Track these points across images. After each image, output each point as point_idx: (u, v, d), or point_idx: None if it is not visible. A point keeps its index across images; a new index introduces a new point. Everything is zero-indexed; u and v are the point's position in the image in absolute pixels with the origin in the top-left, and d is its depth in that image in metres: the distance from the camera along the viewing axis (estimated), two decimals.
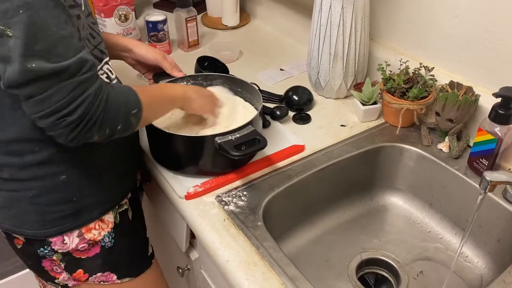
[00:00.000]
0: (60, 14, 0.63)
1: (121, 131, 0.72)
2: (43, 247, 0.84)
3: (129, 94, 0.73)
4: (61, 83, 0.63)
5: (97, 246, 0.87)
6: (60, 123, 0.65)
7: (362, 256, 0.95)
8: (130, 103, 0.72)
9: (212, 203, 0.87)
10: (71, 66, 0.63)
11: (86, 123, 0.66)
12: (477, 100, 0.94)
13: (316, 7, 1.07)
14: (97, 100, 0.66)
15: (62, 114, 0.64)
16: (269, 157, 0.96)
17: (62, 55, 0.62)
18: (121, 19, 1.35)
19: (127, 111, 0.71)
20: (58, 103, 0.63)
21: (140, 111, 0.73)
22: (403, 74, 1.02)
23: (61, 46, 0.62)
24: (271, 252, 0.77)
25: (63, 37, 0.62)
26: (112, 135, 0.71)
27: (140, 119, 0.74)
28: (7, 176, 0.78)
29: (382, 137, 1.03)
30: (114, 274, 0.93)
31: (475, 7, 0.92)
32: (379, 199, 1.07)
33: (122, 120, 0.71)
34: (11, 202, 0.80)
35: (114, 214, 0.89)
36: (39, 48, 0.60)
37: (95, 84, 0.66)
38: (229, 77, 1.03)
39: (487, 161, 0.89)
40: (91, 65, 0.66)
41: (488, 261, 0.92)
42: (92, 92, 0.66)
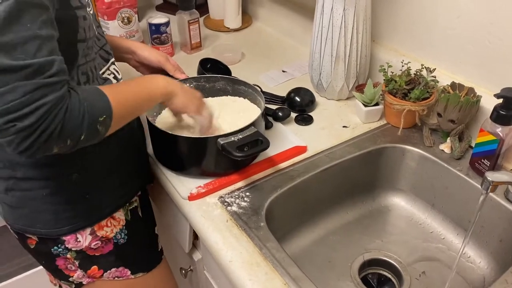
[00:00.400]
0: (41, 13, 0.59)
1: (85, 141, 0.65)
2: (57, 246, 0.85)
3: (98, 99, 0.66)
4: (18, 82, 0.57)
5: (110, 243, 0.88)
6: (8, 128, 0.57)
7: (364, 257, 0.95)
8: (97, 110, 0.65)
9: (215, 204, 0.87)
10: (33, 65, 0.57)
11: (41, 134, 0.59)
12: (478, 101, 0.94)
13: (318, 9, 1.08)
14: (56, 109, 0.59)
15: (12, 117, 0.57)
16: (271, 158, 0.96)
17: (29, 54, 0.57)
18: (124, 21, 1.36)
19: (93, 119, 0.64)
20: (10, 103, 0.56)
21: (110, 117, 0.67)
22: (405, 75, 1.03)
23: (32, 45, 0.58)
24: (274, 253, 0.77)
25: (36, 36, 0.58)
26: (74, 145, 0.65)
27: (109, 126, 0.68)
28: (21, 175, 0.78)
29: (384, 138, 1.03)
30: (128, 269, 0.94)
31: (476, 8, 0.93)
32: (381, 200, 1.08)
33: (86, 129, 0.64)
34: (24, 201, 0.81)
35: (125, 212, 0.90)
36: (6, 40, 0.56)
37: (57, 92, 0.60)
38: (232, 79, 1.04)
39: (489, 162, 0.89)
40: (58, 71, 0.60)
41: (491, 261, 0.93)
42: (52, 99, 0.59)
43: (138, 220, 0.94)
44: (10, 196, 0.81)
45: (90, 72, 0.78)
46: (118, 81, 0.85)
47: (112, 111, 0.67)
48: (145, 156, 0.98)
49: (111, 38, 1.00)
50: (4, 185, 0.80)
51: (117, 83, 0.80)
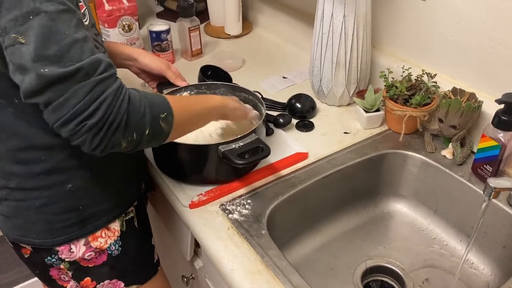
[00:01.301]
0: (71, 18, 0.62)
1: (150, 137, 0.67)
2: (51, 256, 0.84)
3: (157, 97, 0.70)
4: (77, 85, 0.60)
5: (104, 255, 0.88)
6: (80, 128, 0.61)
7: (367, 264, 0.95)
8: (157, 106, 0.68)
9: (216, 211, 0.87)
10: (84, 67, 0.60)
11: (109, 126, 0.62)
12: (480, 106, 0.94)
13: (318, 16, 1.08)
14: (118, 101, 0.62)
15: (81, 118, 0.60)
16: (272, 165, 0.96)
17: (76, 58, 0.60)
18: (125, 29, 1.36)
19: (155, 114, 0.67)
20: (76, 106, 0.60)
21: (171, 115, 0.69)
22: (406, 81, 1.03)
23: (75, 49, 0.60)
24: (275, 261, 0.77)
25: (76, 40, 0.61)
26: (140, 141, 0.67)
27: (171, 124, 0.69)
28: (14, 185, 0.78)
29: (385, 144, 1.03)
30: (121, 281, 0.93)
31: (477, 13, 0.93)
32: (383, 206, 1.07)
33: (150, 123, 0.66)
34: (18, 211, 0.81)
35: (121, 222, 0.89)
36: (52, 52, 0.59)
37: (114, 84, 0.63)
38: (233, 86, 1.04)
39: (491, 167, 0.89)
40: (107, 65, 0.63)
41: (494, 267, 0.92)
42: (111, 92, 0.62)
43: (134, 231, 0.93)
44: (4, 206, 0.81)
45: None
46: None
47: (172, 110, 0.70)
48: (143, 165, 0.98)
49: (111, 45, 1.00)
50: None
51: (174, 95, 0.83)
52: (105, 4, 1.32)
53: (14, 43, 0.58)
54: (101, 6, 1.32)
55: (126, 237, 0.90)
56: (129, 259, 0.92)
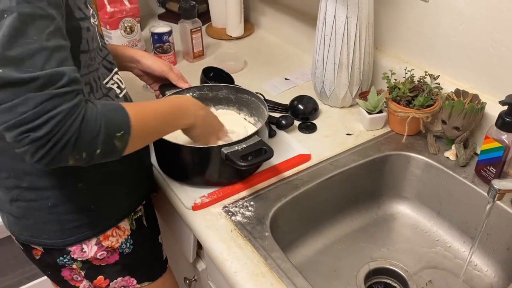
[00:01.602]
0: (47, 25, 0.60)
1: (102, 156, 0.65)
2: (62, 256, 0.84)
3: (117, 114, 0.66)
4: (29, 94, 0.57)
5: (116, 253, 0.88)
6: (23, 138, 0.58)
7: (370, 266, 0.95)
8: (115, 125, 0.65)
9: (219, 213, 0.87)
10: (42, 78, 0.58)
11: (55, 144, 0.59)
12: (483, 108, 0.94)
13: (320, 17, 1.08)
14: (70, 119, 0.59)
15: (26, 128, 0.58)
16: (275, 167, 0.96)
17: (38, 66, 0.58)
18: (127, 31, 1.36)
19: (110, 133, 0.64)
20: (23, 115, 0.57)
21: (128, 134, 0.66)
22: (408, 82, 1.03)
23: (39, 57, 0.58)
24: (279, 263, 0.77)
25: (43, 48, 0.59)
26: (90, 160, 0.64)
27: (127, 143, 0.67)
28: (26, 184, 0.77)
29: (388, 146, 1.03)
30: (134, 278, 0.94)
31: (480, 15, 0.93)
32: (386, 208, 1.07)
33: (103, 143, 0.63)
34: (29, 212, 0.80)
35: (130, 221, 0.89)
36: (13, 54, 0.57)
37: (71, 101, 0.60)
38: (235, 87, 1.04)
39: (495, 169, 0.89)
40: (71, 80, 0.60)
41: (498, 269, 0.92)
42: (65, 108, 0.59)
43: (143, 229, 0.93)
44: (15, 207, 0.81)
45: (94, 82, 0.78)
46: (121, 90, 0.85)
47: (131, 128, 0.67)
48: (149, 165, 0.98)
49: (114, 47, 1.00)
50: (9, 196, 0.80)
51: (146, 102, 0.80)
52: (107, 6, 1.32)
53: None
54: (103, 8, 1.32)
55: (136, 235, 0.90)
56: (140, 256, 0.93)
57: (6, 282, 1.58)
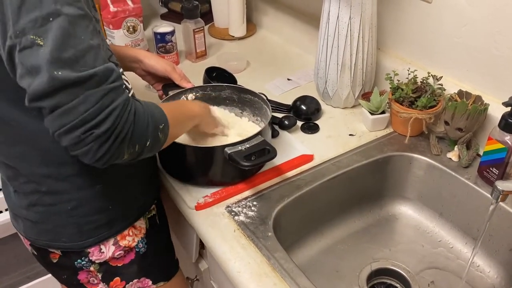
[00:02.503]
0: (88, 24, 0.61)
1: (149, 149, 0.68)
2: (81, 259, 0.84)
3: (155, 108, 0.70)
4: (88, 91, 0.59)
5: (132, 252, 0.88)
6: (87, 136, 0.60)
7: (372, 266, 0.95)
8: (157, 118, 0.68)
9: (222, 213, 0.87)
10: (98, 74, 0.60)
11: (116, 137, 0.61)
12: (486, 109, 0.94)
13: (323, 18, 1.08)
14: (126, 112, 0.62)
15: (90, 125, 0.59)
16: (278, 167, 0.96)
17: (90, 64, 0.59)
18: (130, 30, 1.36)
19: (155, 125, 0.68)
20: (86, 113, 0.59)
21: (167, 126, 0.70)
22: (411, 83, 1.03)
23: (90, 55, 0.60)
24: (282, 263, 0.77)
25: (91, 47, 0.60)
26: (141, 153, 0.67)
27: (167, 135, 0.71)
28: (46, 189, 0.77)
29: (391, 146, 1.03)
30: (149, 279, 0.94)
31: (483, 16, 0.93)
32: (388, 209, 1.07)
33: (151, 135, 0.67)
34: (48, 216, 0.80)
35: (145, 220, 0.89)
36: (68, 55, 0.58)
37: (122, 95, 0.63)
38: (238, 88, 1.04)
39: (498, 170, 0.89)
40: (118, 75, 0.63)
41: (500, 270, 0.92)
42: (121, 102, 0.62)
43: (156, 228, 0.93)
44: (32, 212, 0.80)
45: None
46: (129, 91, 0.85)
47: (168, 121, 0.71)
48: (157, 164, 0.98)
49: (117, 48, 1.00)
50: (26, 201, 0.79)
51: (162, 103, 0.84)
52: (110, 6, 1.32)
53: (31, 44, 0.57)
54: (106, 8, 1.32)
55: (150, 234, 0.91)
56: (155, 256, 0.93)
57: (8, 282, 1.58)
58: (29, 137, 0.72)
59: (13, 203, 0.83)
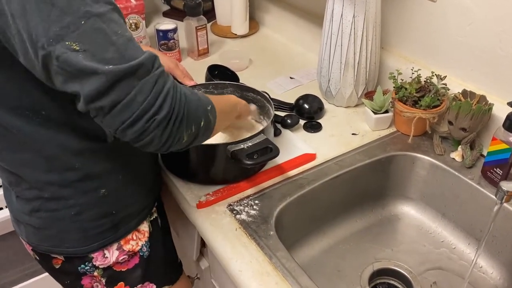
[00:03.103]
0: (120, 17, 0.60)
1: (203, 131, 0.68)
2: (84, 264, 0.83)
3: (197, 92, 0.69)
4: (141, 81, 0.58)
5: (136, 257, 0.87)
6: (150, 125, 0.60)
7: (374, 266, 0.94)
8: (202, 100, 0.68)
9: (224, 212, 0.86)
10: (145, 62, 0.59)
11: (175, 119, 0.62)
12: (490, 109, 0.93)
13: (327, 16, 1.07)
14: (178, 93, 0.62)
15: (151, 113, 0.59)
16: (280, 166, 0.95)
17: (134, 55, 0.58)
18: (132, 27, 1.36)
19: (204, 106, 0.68)
20: (145, 102, 0.58)
21: (214, 108, 0.70)
22: (415, 82, 1.02)
23: (131, 47, 0.59)
24: (284, 262, 0.76)
25: (129, 39, 0.59)
26: (198, 134, 0.67)
27: (215, 117, 0.70)
28: (49, 195, 0.76)
29: (394, 146, 1.02)
30: (153, 283, 0.93)
31: (488, 15, 0.92)
32: (391, 208, 1.06)
33: (203, 114, 0.67)
34: (51, 222, 0.78)
35: (148, 223, 0.88)
36: (111, 54, 0.57)
37: (170, 78, 0.62)
38: (240, 86, 1.03)
39: (502, 171, 0.88)
40: (159, 61, 0.62)
41: (503, 271, 0.91)
42: (171, 85, 0.61)
43: (159, 231, 0.92)
44: (35, 217, 0.78)
45: None
46: None
47: (213, 104, 0.70)
48: (159, 164, 0.97)
49: None
50: (29, 207, 0.78)
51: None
52: None
53: (67, 50, 0.55)
54: None
55: (153, 237, 0.90)
56: (158, 259, 0.92)
57: (7, 279, 1.58)
58: (33, 144, 0.70)
59: (15, 209, 0.81)
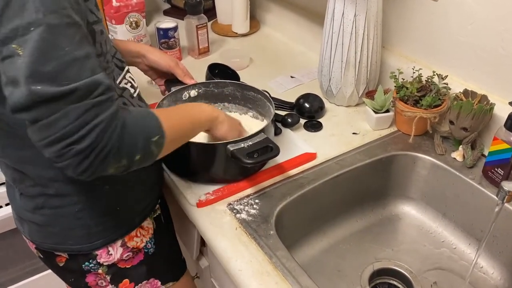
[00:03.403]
0: (74, 33, 0.58)
1: (139, 162, 0.64)
2: (88, 261, 0.83)
3: (150, 119, 0.66)
4: (69, 106, 0.56)
5: (141, 253, 0.87)
6: (67, 152, 0.57)
7: (374, 266, 0.94)
8: (150, 130, 0.65)
9: (224, 211, 0.86)
10: (80, 88, 0.56)
11: (99, 153, 0.58)
12: (492, 109, 0.93)
13: (328, 15, 1.07)
14: (111, 127, 0.59)
15: (69, 141, 0.56)
16: (280, 165, 0.95)
17: (73, 77, 0.56)
18: (132, 26, 1.35)
19: (147, 138, 0.64)
20: (66, 128, 0.56)
21: (163, 137, 0.66)
22: (416, 82, 1.02)
23: (74, 68, 0.57)
24: (284, 262, 0.76)
25: (76, 58, 0.57)
26: (129, 167, 0.64)
27: (162, 146, 0.67)
28: (53, 192, 0.75)
29: (394, 146, 1.02)
30: (158, 280, 0.93)
31: (490, 14, 0.92)
32: (391, 208, 1.06)
33: (141, 149, 0.63)
34: (55, 219, 0.78)
35: (152, 220, 0.88)
36: (48, 69, 0.55)
37: (109, 109, 0.59)
38: (241, 84, 1.03)
39: (503, 171, 0.88)
40: (106, 88, 0.59)
41: (504, 272, 0.91)
42: (106, 117, 0.58)
43: (163, 227, 0.92)
44: (38, 214, 0.78)
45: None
46: (135, 89, 0.83)
47: (164, 132, 0.67)
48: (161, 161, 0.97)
49: (118, 42, 0.99)
50: (32, 204, 0.78)
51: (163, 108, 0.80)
52: (112, 1, 1.31)
53: (12, 54, 0.54)
54: (109, 3, 1.31)
55: (158, 234, 0.90)
56: (163, 256, 0.92)
57: (8, 276, 1.57)
58: None
59: (18, 206, 0.81)
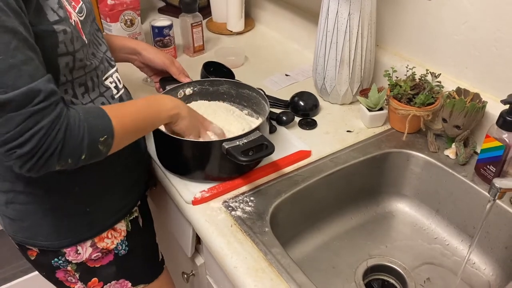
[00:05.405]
0: (10, 40, 0.56)
1: (87, 159, 0.66)
2: (57, 258, 0.83)
3: (100, 119, 0.67)
4: (8, 115, 0.57)
5: (111, 254, 0.87)
6: (10, 155, 0.60)
7: (368, 263, 0.95)
8: (98, 130, 0.66)
9: (219, 208, 0.86)
10: (17, 98, 0.57)
11: (41, 156, 0.61)
12: (484, 107, 0.94)
13: (322, 13, 1.07)
14: (53, 131, 0.60)
15: (11, 146, 0.58)
16: (275, 163, 0.95)
17: (10, 85, 0.56)
18: (127, 24, 1.35)
19: (94, 139, 0.65)
20: (6, 134, 0.58)
21: (111, 137, 0.68)
22: (410, 80, 1.02)
23: (9, 75, 0.56)
24: (279, 259, 0.77)
25: (12, 65, 0.56)
26: (76, 164, 0.66)
27: (111, 146, 0.68)
28: (21, 189, 0.76)
29: (388, 143, 1.03)
30: (128, 281, 0.93)
31: (483, 14, 0.93)
32: (385, 205, 1.07)
33: (87, 149, 0.65)
34: (25, 215, 0.79)
35: (126, 223, 0.88)
36: None
37: (50, 115, 0.60)
38: (236, 82, 1.03)
39: (495, 168, 0.89)
40: (48, 94, 0.60)
41: (496, 268, 0.92)
42: (47, 123, 0.60)
43: (139, 230, 0.92)
44: (10, 209, 0.79)
45: (90, 81, 0.76)
46: (118, 91, 0.83)
47: (114, 131, 0.68)
48: (145, 165, 0.97)
49: (115, 38, 0.99)
50: (4, 198, 0.79)
51: (124, 103, 0.80)
52: None
53: None
54: (103, 1, 1.31)
55: (131, 236, 0.90)
56: (135, 258, 0.92)
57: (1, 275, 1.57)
58: None
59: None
